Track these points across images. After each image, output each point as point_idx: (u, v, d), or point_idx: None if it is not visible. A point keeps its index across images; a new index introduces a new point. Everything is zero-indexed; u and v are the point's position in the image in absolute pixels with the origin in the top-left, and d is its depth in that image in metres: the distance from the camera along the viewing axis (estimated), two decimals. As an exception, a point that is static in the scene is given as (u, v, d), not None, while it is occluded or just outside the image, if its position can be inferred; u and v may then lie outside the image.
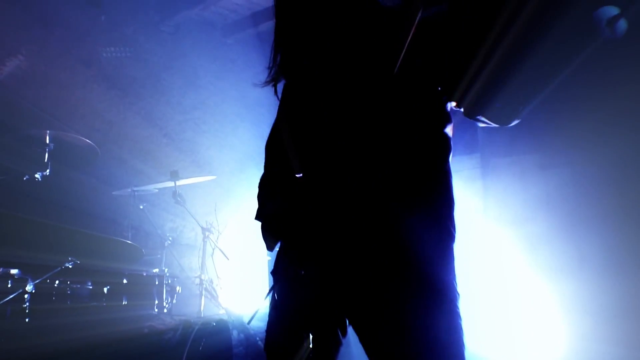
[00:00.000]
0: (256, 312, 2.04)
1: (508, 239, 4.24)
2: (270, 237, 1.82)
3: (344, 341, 1.71)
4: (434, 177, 1.63)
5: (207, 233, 5.14)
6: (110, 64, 5.68)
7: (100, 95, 5.60)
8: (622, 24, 1.27)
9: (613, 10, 1.28)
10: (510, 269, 4.23)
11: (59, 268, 3.66)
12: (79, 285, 3.82)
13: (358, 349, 1.66)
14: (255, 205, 1.91)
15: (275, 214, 1.82)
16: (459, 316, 1.55)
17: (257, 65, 6.59)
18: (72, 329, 3.66)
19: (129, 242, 4.54)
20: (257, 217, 1.89)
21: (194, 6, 5.77)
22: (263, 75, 1.92)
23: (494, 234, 4.32)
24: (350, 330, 1.70)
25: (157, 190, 5.31)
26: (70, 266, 3.72)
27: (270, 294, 1.76)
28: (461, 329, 1.54)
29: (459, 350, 1.52)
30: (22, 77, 4.98)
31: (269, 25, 6.06)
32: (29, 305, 3.40)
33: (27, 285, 3.43)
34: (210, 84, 6.56)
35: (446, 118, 1.64)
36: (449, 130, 1.64)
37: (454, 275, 1.61)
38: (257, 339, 4.09)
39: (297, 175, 1.81)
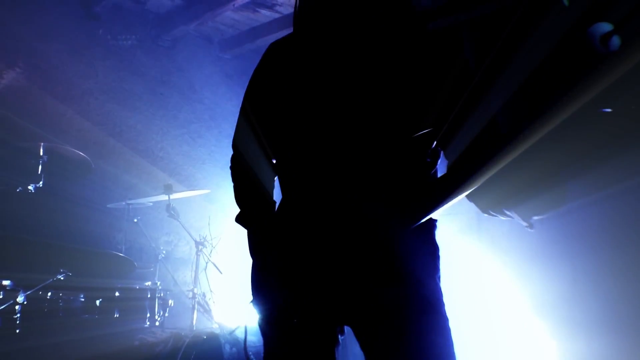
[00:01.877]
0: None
1: (500, 260, 4.26)
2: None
3: (341, 340, 1.73)
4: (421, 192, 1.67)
5: (200, 247, 5.13)
6: (108, 78, 5.72)
7: (97, 109, 5.63)
8: (616, 40, 1.28)
9: (606, 27, 1.29)
10: (501, 286, 4.23)
11: (51, 280, 3.67)
12: (71, 298, 3.81)
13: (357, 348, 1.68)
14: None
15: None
16: (448, 322, 1.60)
17: (253, 81, 6.57)
18: (63, 341, 3.66)
19: (121, 255, 4.54)
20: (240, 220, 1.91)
21: (192, 21, 5.82)
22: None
23: (487, 256, 4.33)
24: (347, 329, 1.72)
25: (151, 204, 5.32)
26: (62, 278, 3.72)
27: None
28: (451, 339, 1.58)
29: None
30: (19, 89, 5.01)
31: (266, 41, 6.10)
32: (20, 317, 3.40)
33: (19, 297, 3.43)
34: (207, 99, 6.60)
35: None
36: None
37: (440, 284, 1.66)
38: (250, 353, 4.08)
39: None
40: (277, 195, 1.85)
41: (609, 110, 1.30)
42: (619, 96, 1.27)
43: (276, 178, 1.90)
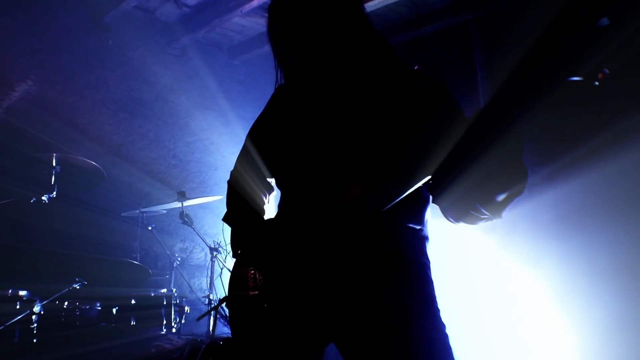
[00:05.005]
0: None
1: (516, 253, 4.22)
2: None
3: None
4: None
5: (215, 253, 5.14)
6: (119, 87, 5.75)
7: (109, 118, 5.66)
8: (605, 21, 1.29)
9: (604, 22, 1.29)
10: (519, 283, 4.20)
11: (67, 289, 3.69)
12: (87, 307, 3.83)
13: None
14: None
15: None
16: (444, 326, 1.61)
17: (263, 86, 6.66)
18: (81, 353, 3.67)
19: (136, 262, 4.56)
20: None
21: (200, 28, 5.84)
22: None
23: (502, 247, 4.30)
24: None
25: (165, 212, 5.34)
26: (78, 287, 3.74)
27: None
28: (448, 339, 1.59)
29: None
30: (31, 101, 5.05)
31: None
32: (37, 327, 3.42)
33: (35, 307, 3.45)
34: (217, 105, 6.61)
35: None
36: None
37: (434, 291, 1.67)
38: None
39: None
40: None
41: (579, 78, 1.30)
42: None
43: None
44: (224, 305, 4.65)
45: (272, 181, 2.06)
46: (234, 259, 1.88)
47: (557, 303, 4.03)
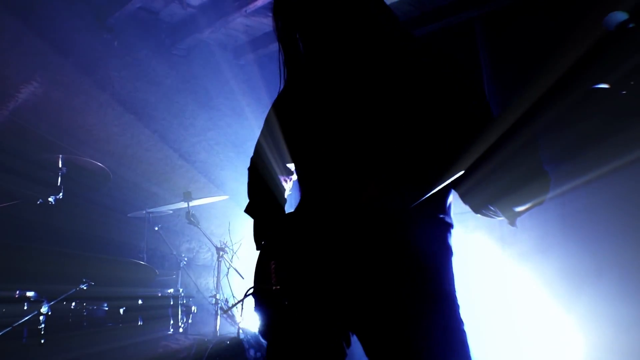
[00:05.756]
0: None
1: (521, 250, 4.21)
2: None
3: (348, 352, 1.72)
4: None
5: (221, 253, 5.15)
6: (124, 89, 5.77)
7: (114, 119, 5.67)
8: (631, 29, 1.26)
9: (622, 15, 1.28)
10: (527, 280, 4.19)
11: (74, 290, 3.70)
12: (94, 307, 3.84)
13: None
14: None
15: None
16: (462, 323, 1.59)
17: (269, 85, 6.64)
18: (88, 353, 3.69)
19: (143, 263, 4.57)
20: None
21: (205, 29, 5.84)
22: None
23: (507, 245, 4.29)
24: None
25: (171, 212, 5.35)
26: (85, 288, 3.75)
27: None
28: (467, 341, 1.58)
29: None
30: (37, 103, 5.07)
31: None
32: (44, 327, 3.43)
33: (43, 308, 3.46)
34: (223, 105, 6.62)
35: None
36: None
37: (454, 286, 1.64)
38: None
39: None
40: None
41: (605, 86, 1.26)
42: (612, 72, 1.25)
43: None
44: (228, 303, 4.63)
45: (292, 166, 2.01)
46: (258, 251, 1.88)
47: (563, 301, 4.02)
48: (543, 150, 1.47)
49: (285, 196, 2.06)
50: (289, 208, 1.94)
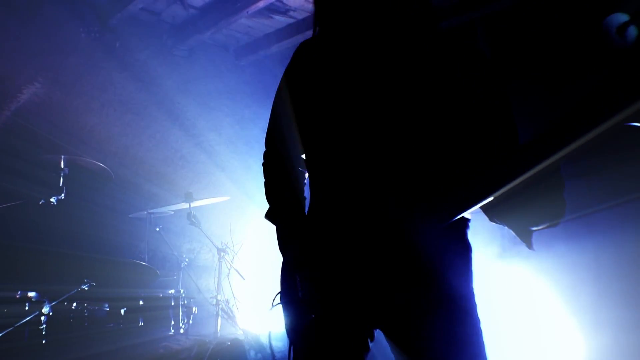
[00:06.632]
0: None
1: (522, 252, 4.21)
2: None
3: (371, 346, 1.72)
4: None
5: (222, 254, 5.16)
6: (126, 89, 5.77)
7: (116, 120, 5.68)
8: (632, 31, 1.25)
9: (622, 17, 1.27)
10: (526, 283, 4.19)
11: (75, 290, 3.71)
12: (96, 308, 3.85)
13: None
14: (268, 226, 1.90)
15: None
16: (480, 324, 1.62)
17: (270, 87, 6.68)
18: (89, 355, 3.69)
19: (144, 263, 4.58)
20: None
21: (206, 30, 5.84)
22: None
23: (508, 248, 4.29)
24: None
25: (172, 213, 5.35)
26: (86, 288, 3.76)
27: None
28: (483, 342, 1.59)
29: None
30: (39, 104, 5.07)
31: (281, 47, 6.12)
32: (45, 327, 3.43)
33: (44, 308, 3.47)
34: (224, 106, 6.62)
35: None
36: None
37: (472, 284, 1.68)
38: (275, 359, 4.08)
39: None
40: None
41: None
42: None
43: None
44: (229, 304, 4.62)
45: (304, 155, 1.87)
46: (283, 259, 1.78)
47: (564, 303, 4.02)
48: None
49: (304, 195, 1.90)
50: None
